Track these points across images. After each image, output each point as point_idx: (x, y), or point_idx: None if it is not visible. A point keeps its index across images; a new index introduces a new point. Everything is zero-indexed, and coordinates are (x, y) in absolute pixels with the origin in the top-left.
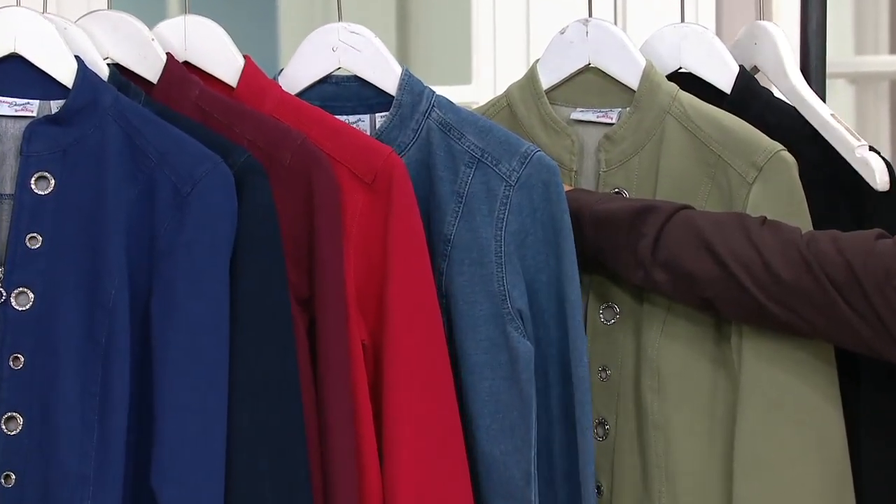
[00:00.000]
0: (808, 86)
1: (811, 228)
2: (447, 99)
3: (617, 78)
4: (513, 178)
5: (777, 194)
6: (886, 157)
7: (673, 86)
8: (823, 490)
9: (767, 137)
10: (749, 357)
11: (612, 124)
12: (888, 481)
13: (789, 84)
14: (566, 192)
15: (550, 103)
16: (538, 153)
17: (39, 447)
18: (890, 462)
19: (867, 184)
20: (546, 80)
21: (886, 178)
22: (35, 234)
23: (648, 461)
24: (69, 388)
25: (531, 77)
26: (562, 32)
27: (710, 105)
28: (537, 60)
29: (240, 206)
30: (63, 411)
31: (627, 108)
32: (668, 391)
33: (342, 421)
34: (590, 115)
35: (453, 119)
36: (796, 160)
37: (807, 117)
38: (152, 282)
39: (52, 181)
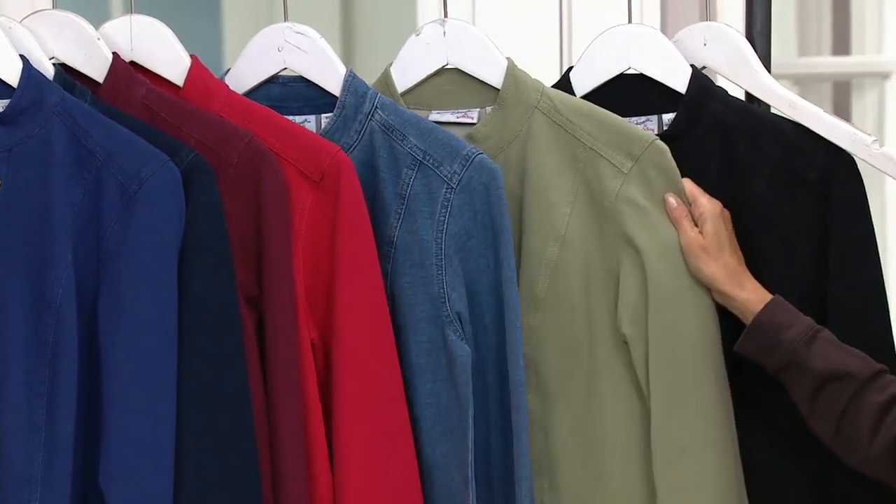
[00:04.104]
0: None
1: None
2: (391, 100)
3: (479, 77)
4: (454, 181)
5: (656, 182)
6: None
7: (539, 82)
8: (722, 478)
9: (641, 129)
10: (656, 377)
11: (473, 124)
12: (773, 466)
13: (759, 81)
14: None
15: (407, 106)
16: (480, 156)
17: None
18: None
19: (834, 181)
20: (401, 84)
21: None
22: None
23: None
24: (15, 389)
25: (385, 81)
26: (417, 34)
27: (581, 99)
28: (390, 64)
29: (187, 206)
30: (9, 412)
31: (489, 108)
32: (547, 391)
33: (292, 420)
34: (448, 117)
35: (396, 121)
36: (760, 157)
37: (794, 117)
38: (99, 282)
39: None
